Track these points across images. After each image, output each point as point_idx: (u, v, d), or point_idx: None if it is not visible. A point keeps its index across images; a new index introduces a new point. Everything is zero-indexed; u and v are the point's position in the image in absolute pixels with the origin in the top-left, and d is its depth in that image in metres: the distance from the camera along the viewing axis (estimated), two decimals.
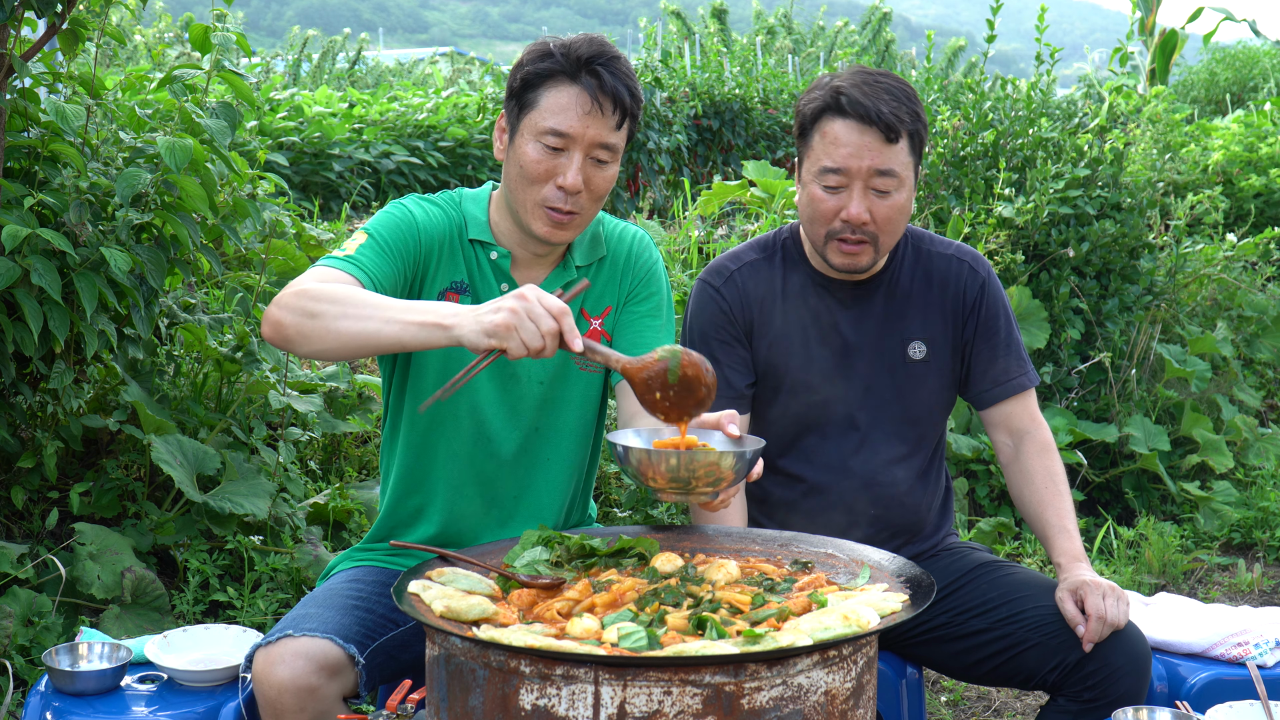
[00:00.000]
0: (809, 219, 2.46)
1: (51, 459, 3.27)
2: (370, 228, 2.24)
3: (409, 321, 1.89)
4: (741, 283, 2.54)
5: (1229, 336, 5.65)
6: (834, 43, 22.59)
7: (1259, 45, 15.81)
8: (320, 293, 1.97)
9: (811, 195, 2.43)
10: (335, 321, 1.94)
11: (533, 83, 2.20)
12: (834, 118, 2.39)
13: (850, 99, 2.36)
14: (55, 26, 3.03)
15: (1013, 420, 2.61)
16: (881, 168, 2.38)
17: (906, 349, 2.55)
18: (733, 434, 2.02)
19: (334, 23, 72.30)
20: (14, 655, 2.94)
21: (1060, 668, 2.32)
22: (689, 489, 1.93)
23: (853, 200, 2.39)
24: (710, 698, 1.58)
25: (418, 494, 2.36)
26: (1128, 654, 2.28)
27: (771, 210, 6.41)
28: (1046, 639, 2.34)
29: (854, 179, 2.39)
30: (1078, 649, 2.29)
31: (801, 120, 2.46)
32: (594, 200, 2.24)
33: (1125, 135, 5.58)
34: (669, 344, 2.04)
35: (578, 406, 2.38)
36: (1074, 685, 2.31)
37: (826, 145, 2.39)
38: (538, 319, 1.82)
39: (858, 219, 2.39)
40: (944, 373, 2.58)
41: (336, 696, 2.05)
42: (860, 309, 2.54)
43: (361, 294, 1.98)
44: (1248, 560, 4.76)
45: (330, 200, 8.67)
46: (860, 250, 2.43)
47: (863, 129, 2.37)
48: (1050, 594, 2.38)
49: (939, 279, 2.58)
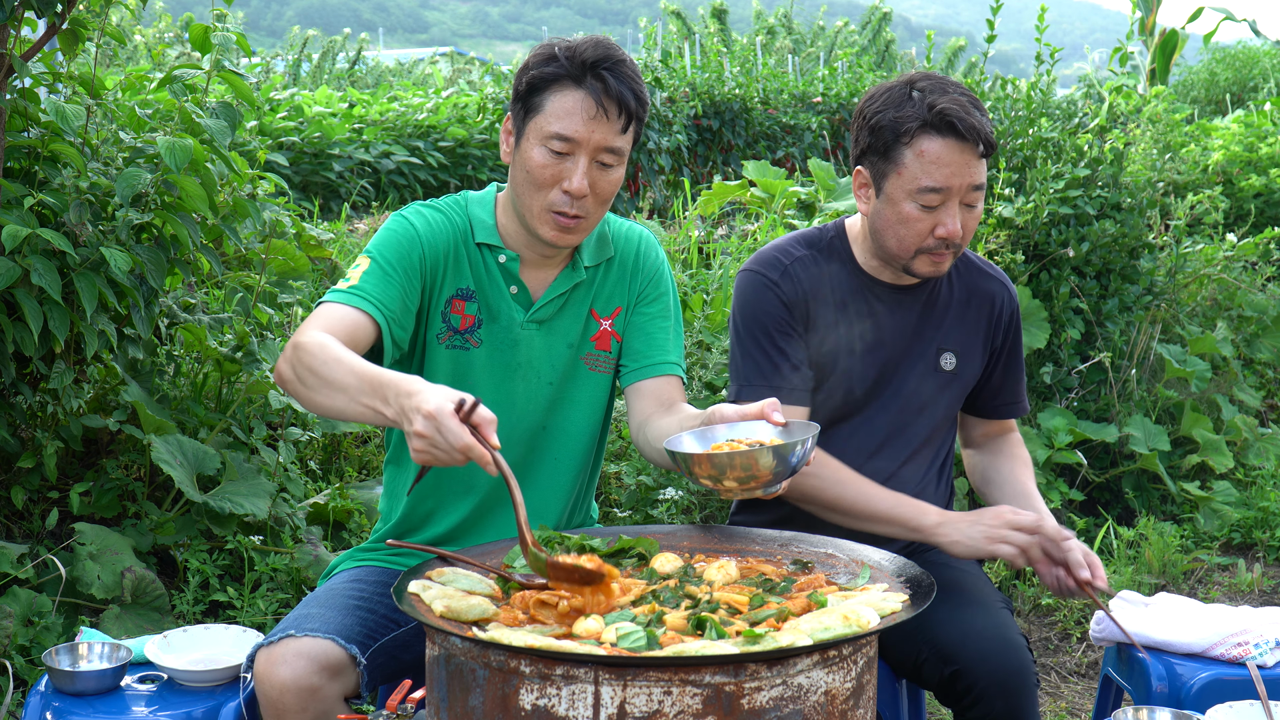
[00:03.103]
0: (898, 236, 2.41)
1: (51, 459, 3.27)
2: (372, 250, 2.24)
3: (365, 405, 1.90)
4: (796, 276, 2.49)
5: (1229, 336, 5.65)
6: (834, 43, 22.59)
7: (1259, 45, 15.82)
8: (310, 360, 1.98)
9: (904, 214, 2.38)
10: (318, 394, 1.98)
11: (538, 86, 2.20)
12: (933, 136, 2.34)
13: (957, 117, 2.32)
14: (55, 26, 3.03)
15: (994, 427, 2.75)
16: (977, 183, 2.37)
17: (939, 358, 2.56)
18: (778, 421, 2.02)
19: (334, 23, 72.30)
20: (14, 655, 2.95)
21: (939, 682, 2.30)
22: (732, 484, 1.94)
23: (949, 217, 2.37)
24: (710, 698, 1.58)
25: (430, 499, 2.37)
26: (993, 672, 2.22)
27: (771, 210, 6.41)
28: (931, 651, 2.31)
29: (951, 196, 2.36)
30: (951, 662, 2.26)
31: (885, 135, 2.38)
32: (600, 204, 2.24)
33: (1125, 135, 5.58)
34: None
35: (585, 407, 2.38)
36: (955, 702, 2.29)
37: (926, 165, 2.34)
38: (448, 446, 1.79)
39: (955, 236, 2.38)
40: (966, 386, 2.62)
41: (338, 697, 2.05)
42: (902, 314, 2.54)
43: (339, 369, 1.95)
44: (1248, 560, 4.76)
45: (330, 200, 8.67)
46: (946, 258, 2.43)
47: (962, 147, 2.34)
48: (952, 604, 2.35)
49: (979, 297, 2.60)
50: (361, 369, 1.93)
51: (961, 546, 2.31)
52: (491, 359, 2.31)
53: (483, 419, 1.79)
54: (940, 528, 2.33)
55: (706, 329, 4.77)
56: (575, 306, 2.36)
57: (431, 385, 1.83)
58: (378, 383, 1.89)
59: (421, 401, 1.79)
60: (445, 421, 1.76)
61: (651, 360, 2.37)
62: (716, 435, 2.06)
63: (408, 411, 1.81)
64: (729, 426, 2.06)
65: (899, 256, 2.44)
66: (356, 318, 2.13)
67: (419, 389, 1.82)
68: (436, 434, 1.77)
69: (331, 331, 2.07)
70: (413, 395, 1.81)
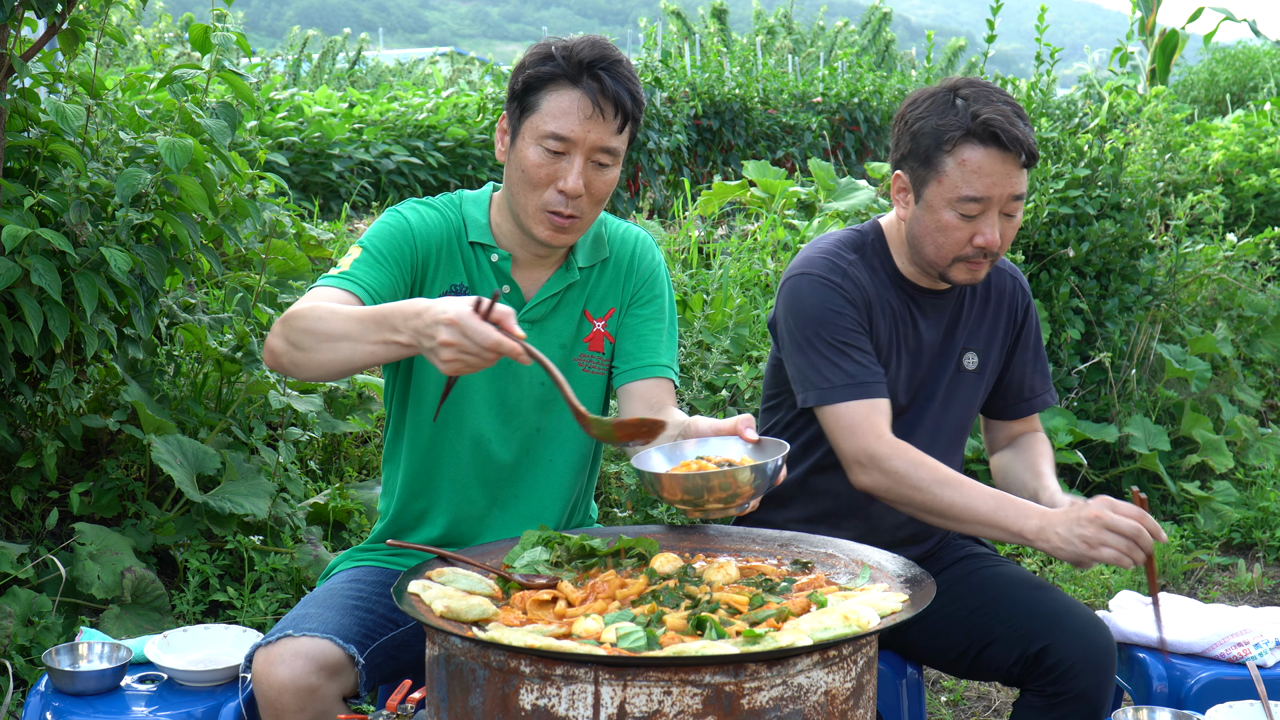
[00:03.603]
0: (936, 244, 2.40)
1: (51, 459, 3.27)
2: (364, 240, 2.24)
3: (375, 341, 1.90)
4: (856, 280, 2.47)
5: (1229, 336, 5.65)
6: (834, 43, 22.60)
7: (1259, 45, 15.82)
8: (303, 323, 1.98)
9: (944, 222, 2.37)
10: (318, 353, 1.97)
11: (534, 86, 2.19)
12: (976, 145, 2.33)
13: (998, 127, 2.30)
14: (55, 26, 3.03)
15: (1016, 427, 2.71)
16: (1017, 194, 2.36)
17: (962, 358, 2.56)
18: (750, 438, 2.03)
19: (334, 23, 72.30)
20: (14, 655, 2.95)
21: (1021, 660, 2.32)
22: (710, 505, 1.94)
23: (989, 227, 2.36)
24: (710, 698, 1.58)
25: (423, 497, 2.37)
26: (1086, 649, 2.28)
27: (771, 210, 6.41)
28: (1009, 631, 2.35)
29: (991, 206, 2.35)
30: (1037, 641, 2.29)
31: (927, 142, 2.37)
32: (595, 204, 2.24)
33: (1125, 135, 5.58)
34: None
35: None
36: (1036, 680, 2.31)
37: (967, 174, 2.33)
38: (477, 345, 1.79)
39: (993, 245, 2.37)
40: (988, 384, 2.61)
41: (336, 696, 2.05)
42: (935, 317, 2.54)
43: (336, 319, 1.95)
44: (1248, 560, 4.76)
45: (330, 200, 8.67)
46: (983, 267, 2.42)
47: (1004, 157, 2.32)
48: (1021, 586, 2.39)
49: (996, 292, 2.60)
50: (361, 311, 1.93)
51: (1064, 555, 2.25)
52: None
53: (503, 313, 1.80)
54: (1042, 533, 2.26)
55: (706, 329, 4.76)
56: (568, 307, 2.35)
57: (437, 299, 1.84)
58: (381, 315, 1.89)
59: (439, 313, 1.79)
60: (469, 323, 1.77)
61: (642, 362, 2.37)
62: (685, 453, 2.05)
63: (426, 328, 1.81)
64: (699, 443, 2.06)
65: (936, 264, 2.43)
66: (346, 298, 2.12)
67: (426, 304, 1.83)
68: (463, 339, 1.77)
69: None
70: (424, 312, 1.82)
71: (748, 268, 5.49)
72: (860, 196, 6.24)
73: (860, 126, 13.37)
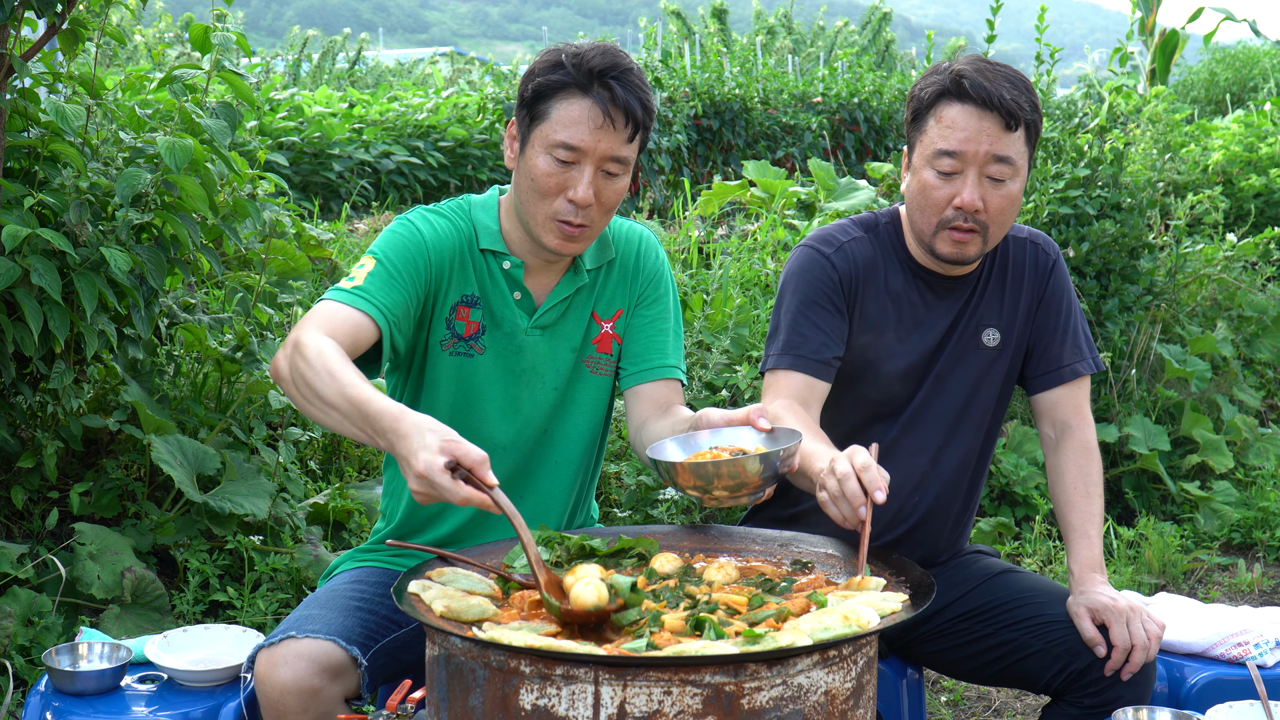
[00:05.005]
0: (919, 207, 2.38)
1: (51, 459, 3.27)
2: (378, 251, 2.21)
3: (359, 429, 1.89)
4: (851, 255, 2.46)
5: (1229, 336, 5.65)
6: (834, 43, 22.60)
7: (1259, 45, 15.83)
8: (307, 369, 1.95)
9: (924, 182, 2.36)
10: (311, 406, 1.96)
11: (544, 94, 2.17)
12: (952, 102, 2.32)
13: (972, 83, 2.30)
14: (55, 26, 3.03)
15: (1058, 410, 2.56)
16: (999, 154, 2.31)
17: (981, 336, 2.51)
18: (763, 427, 2.02)
19: (334, 23, 72.31)
20: (14, 655, 2.95)
21: (1065, 673, 2.31)
22: (718, 492, 1.95)
23: (967, 186, 2.32)
24: (710, 698, 1.58)
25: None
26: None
27: (771, 210, 6.42)
28: (1051, 645, 2.33)
29: (969, 164, 2.32)
30: (1084, 656, 2.28)
31: (916, 105, 2.38)
32: (605, 212, 2.22)
33: (1125, 135, 5.59)
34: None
35: (586, 409, 2.38)
36: (1077, 691, 2.30)
37: (943, 129, 2.32)
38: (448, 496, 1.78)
39: (971, 205, 2.32)
40: (1013, 360, 2.54)
41: (339, 698, 2.04)
42: (949, 302, 2.50)
43: (333, 387, 1.91)
44: (1248, 560, 4.76)
45: (330, 200, 8.67)
46: (970, 240, 2.37)
47: (981, 114, 2.30)
48: (1060, 601, 2.37)
49: (1015, 264, 2.54)
50: (352, 393, 1.89)
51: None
52: (496, 365, 2.30)
53: (474, 463, 1.76)
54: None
55: (706, 329, 4.77)
56: (578, 310, 2.35)
57: (417, 426, 1.79)
58: (366, 413, 1.86)
59: (412, 460, 1.76)
60: (437, 480, 1.74)
61: (650, 364, 2.37)
62: (699, 443, 2.05)
63: (402, 456, 1.79)
64: (713, 433, 2.06)
65: (924, 232, 2.40)
66: (359, 320, 2.11)
67: (407, 431, 1.79)
68: (431, 490, 1.76)
69: (332, 333, 2.04)
70: (401, 440, 1.79)
71: (748, 268, 5.50)
72: (860, 196, 6.24)
73: (860, 126, 13.37)
